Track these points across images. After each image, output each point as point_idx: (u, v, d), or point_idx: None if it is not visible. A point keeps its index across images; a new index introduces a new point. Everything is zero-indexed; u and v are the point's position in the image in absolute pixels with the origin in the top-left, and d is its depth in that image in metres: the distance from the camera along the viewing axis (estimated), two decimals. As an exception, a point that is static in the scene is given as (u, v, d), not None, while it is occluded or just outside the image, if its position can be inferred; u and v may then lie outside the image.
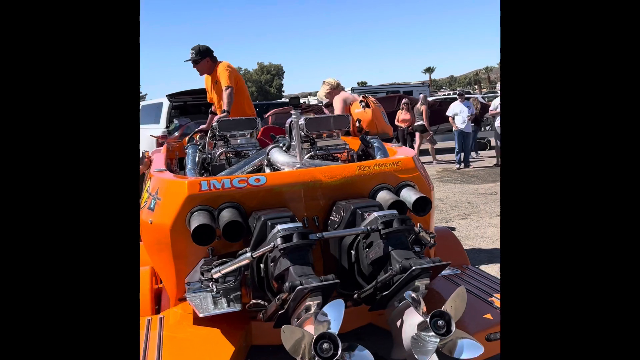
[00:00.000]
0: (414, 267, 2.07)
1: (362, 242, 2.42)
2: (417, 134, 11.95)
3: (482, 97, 18.00)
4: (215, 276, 2.38)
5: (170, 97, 9.05)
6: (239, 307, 2.42)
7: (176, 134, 6.58)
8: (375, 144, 3.27)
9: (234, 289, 2.53)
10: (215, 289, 2.52)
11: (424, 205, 2.64)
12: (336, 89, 4.73)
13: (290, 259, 2.16)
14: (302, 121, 3.10)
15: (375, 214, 2.36)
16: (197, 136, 4.93)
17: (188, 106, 9.58)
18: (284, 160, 3.01)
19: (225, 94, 4.49)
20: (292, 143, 3.18)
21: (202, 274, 2.50)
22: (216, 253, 2.59)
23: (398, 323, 2.27)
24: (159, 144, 7.06)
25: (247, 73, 75.72)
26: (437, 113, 12.30)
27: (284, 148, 3.18)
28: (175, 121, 9.11)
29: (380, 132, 4.13)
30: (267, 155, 3.19)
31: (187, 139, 5.24)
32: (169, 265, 2.68)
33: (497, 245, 5.25)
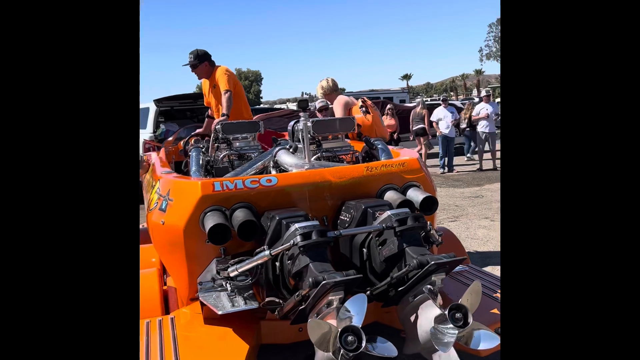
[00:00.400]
0: (432, 262, 2.14)
1: (374, 240, 2.48)
2: (417, 138, 12.12)
3: (461, 104, 18.24)
4: (232, 274, 2.42)
5: (157, 102, 9.00)
6: (256, 305, 2.46)
7: (170, 138, 6.59)
8: (379, 146, 3.35)
9: (248, 287, 2.57)
10: (229, 288, 2.55)
11: (430, 204, 2.73)
12: (333, 92, 4.75)
13: (309, 256, 2.21)
14: (309, 123, 3.15)
15: (389, 212, 2.43)
16: (192, 140, 4.96)
17: (174, 111, 9.54)
18: (292, 162, 3.06)
19: (224, 98, 4.53)
20: (299, 145, 3.23)
21: (218, 272, 2.53)
22: (228, 253, 2.63)
23: (412, 318, 2.33)
24: (146, 149, 7.04)
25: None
26: None
27: (290, 150, 3.23)
28: (162, 126, 9.07)
29: (379, 137, 4.19)
30: (274, 157, 3.23)
31: (181, 143, 5.26)
32: (181, 266, 2.70)
33: (487, 246, 5.37)
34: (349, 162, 3.41)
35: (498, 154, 11.12)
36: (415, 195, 2.77)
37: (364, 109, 4.44)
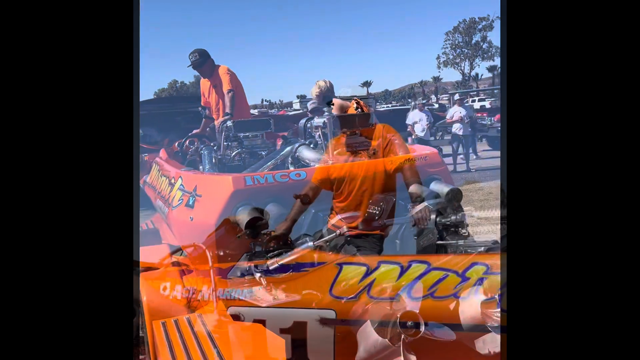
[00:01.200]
0: (481, 249, 2.19)
1: (408, 230, 2.52)
2: None
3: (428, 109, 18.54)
4: (272, 267, 2.41)
5: (136, 105, 8.83)
6: (297, 297, 2.45)
7: (165, 139, 6.50)
8: (395, 141, 3.39)
9: (282, 281, 2.56)
10: (264, 282, 2.54)
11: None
12: (327, 93, 4.77)
13: (355, 245, 2.23)
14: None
15: (426, 203, 2.47)
16: (188, 141, 4.91)
17: (151, 115, 9.38)
18: (315, 157, 3.08)
19: (227, 97, 4.51)
20: (319, 141, 3.25)
21: (256, 266, 2.52)
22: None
23: (452, 305, 2.38)
24: None
25: (184, 86, 74.03)
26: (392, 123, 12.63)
27: (311, 146, 3.25)
28: (140, 130, 8.90)
29: None
30: (295, 152, 3.24)
31: (176, 144, 5.21)
32: (211, 262, 2.67)
33: (479, 243, 5.48)
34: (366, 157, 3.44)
35: (471, 156, 11.38)
36: (440, 187, 2.83)
37: (359, 109, 4.46)
